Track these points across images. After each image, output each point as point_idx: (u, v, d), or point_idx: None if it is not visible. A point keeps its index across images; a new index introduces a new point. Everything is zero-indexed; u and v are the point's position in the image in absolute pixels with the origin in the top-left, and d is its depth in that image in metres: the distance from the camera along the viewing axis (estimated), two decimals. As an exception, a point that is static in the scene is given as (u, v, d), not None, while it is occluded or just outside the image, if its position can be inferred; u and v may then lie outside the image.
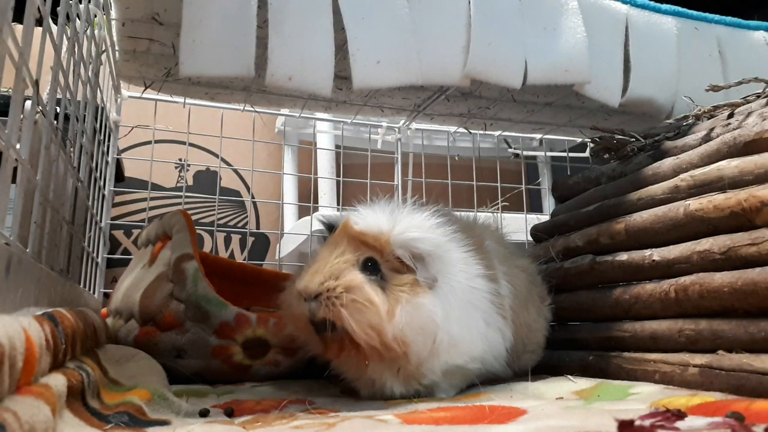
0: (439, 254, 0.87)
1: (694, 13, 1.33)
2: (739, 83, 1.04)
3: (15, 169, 0.61)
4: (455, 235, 0.91)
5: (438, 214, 0.91)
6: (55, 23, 0.78)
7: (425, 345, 0.83)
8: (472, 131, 1.80)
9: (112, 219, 1.64)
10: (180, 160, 2.15)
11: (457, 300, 0.86)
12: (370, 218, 0.87)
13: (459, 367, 0.88)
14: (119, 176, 1.70)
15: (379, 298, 0.81)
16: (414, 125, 1.83)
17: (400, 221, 0.87)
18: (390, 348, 0.80)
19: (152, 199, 1.83)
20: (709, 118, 1.04)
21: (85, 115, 1.07)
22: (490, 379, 0.98)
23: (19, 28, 0.60)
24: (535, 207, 2.20)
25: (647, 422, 0.51)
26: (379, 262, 0.84)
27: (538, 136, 1.83)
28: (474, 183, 1.82)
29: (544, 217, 1.62)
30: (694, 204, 0.86)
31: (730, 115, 0.96)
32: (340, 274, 0.82)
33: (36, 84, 0.66)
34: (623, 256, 1.00)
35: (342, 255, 0.85)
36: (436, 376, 0.87)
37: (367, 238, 0.85)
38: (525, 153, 2.03)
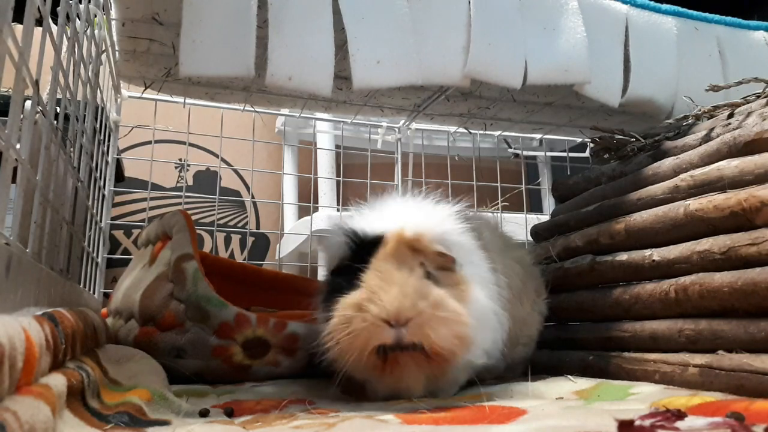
0: (465, 245, 0.86)
1: (694, 13, 1.33)
2: (739, 83, 1.04)
3: (15, 169, 0.61)
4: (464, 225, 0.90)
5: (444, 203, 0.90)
6: (55, 23, 0.78)
7: (483, 341, 0.83)
8: (472, 131, 1.80)
9: (112, 219, 1.64)
10: (180, 160, 2.15)
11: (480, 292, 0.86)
12: (412, 221, 0.83)
13: (468, 362, 0.86)
14: (119, 176, 1.70)
15: (461, 307, 0.78)
16: (414, 125, 1.83)
17: (430, 215, 0.85)
18: (465, 352, 0.79)
19: (152, 199, 1.83)
20: (709, 118, 1.04)
21: (85, 115, 1.07)
22: (489, 380, 0.98)
23: (19, 28, 0.60)
24: (535, 207, 2.20)
25: (647, 422, 0.51)
26: (426, 263, 0.82)
27: (538, 136, 1.83)
28: (474, 183, 1.82)
29: (544, 217, 1.62)
30: (694, 204, 0.86)
31: (730, 115, 0.96)
32: (423, 292, 0.77)
33: (36, 84, 0.66)
34: (623, 256, 1.00)
35: (412, 270, 0.79)
36: (456, 372, 0.86)
37: (415, 243, 0.81)
38: (525, 153, 2.03)
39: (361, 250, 0.83)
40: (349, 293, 0.79)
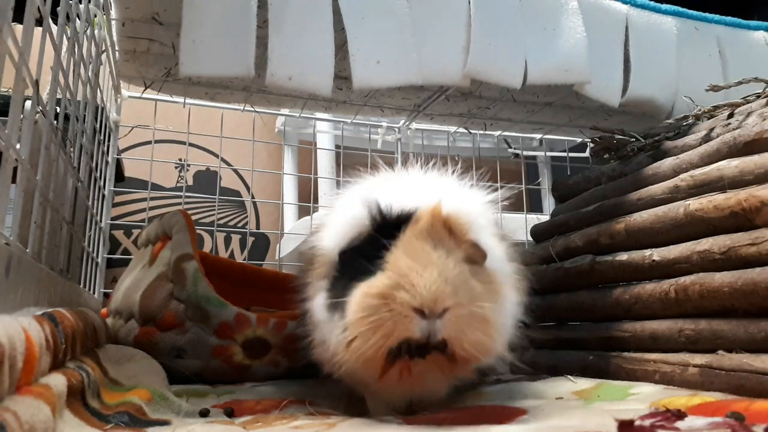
0: (493, 239, 0.75)
1: (694, 13, 1.33)
2: (739, 83, 1.04)
3: (15, 169, 0.61)
4: None
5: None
6: (55, 23, 0.78)
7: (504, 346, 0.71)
8: (472, 131, 1.80)
9: (112, 219, 1.64)
10: (180, 160, 2.15)
11: None
12: (451, 198, 0.69)
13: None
14: (119, 176, 1.70)
15: (497, 308, 0.67)
16: (414, 125, 1.83)
17: (468, 197, 0.72)
18: (489, 358, 0.68)
19: (152, 199, 1.83)
20: (709, 118, 1.04)
21: (85, 115, 1.07)
22: (489, 379, 0.98)
23: (19, 28, 0.60)
24: (535, 207, 2.20)
25: (647, 422, 0.51)
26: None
27: (538, 136, 1.83)
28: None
29: (544, 217, 1.62)
30: (694, 204, 0.86)
31: (730, 115, 0.96)
32: (463, 280, 0.64)
33: (36, 84, 0.66)
34: (623, 256, 1.00)
35: (449, 252, 0.65)
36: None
37: (452, 225, 0.67)
38: (525, 153, 2.03)
39: (382, 227, 0.68)
40: (365, 279, 0.65)
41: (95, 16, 1.08)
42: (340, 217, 0.73)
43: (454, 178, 0.79)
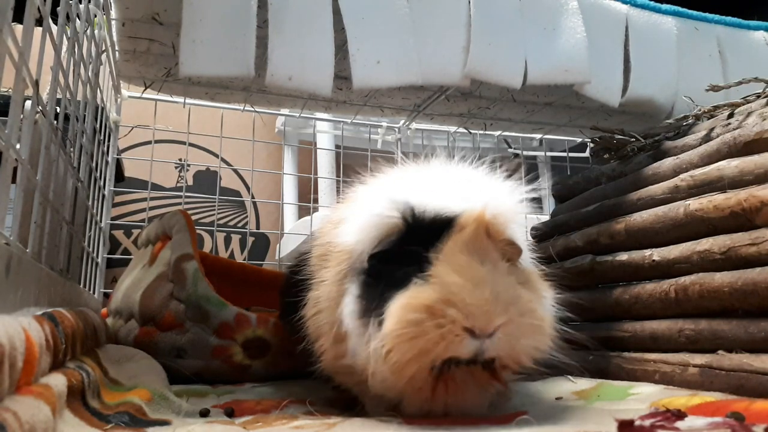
0: (523, 234, 0.73)
1: (694, 13, 1.33)
2: (739, 83, 1.04)
3: (15, 169, 0.61)
4: None
5: None
6: (55, 23, 0.78)
7: None
8: (472, 131, 1.80)
9: (112, 219, 1.64)
10: (180, 160, 2.15)
11: None
12: (492, 200, 0.65)
13: None
14: (119, 176, 1.70)
15: (545, 312, 0.65)
16: (414, 125, 1.83)
17: (505, 193, 0.68)
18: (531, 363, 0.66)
19: (152, 199, 1.83)
20: (709, 118, 1.04)
21: (85, 115, 1.07)
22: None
23: (19, 28, 0.60)
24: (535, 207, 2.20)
25: (647, 422, 0.51)
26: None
27: (538, 136, 1.83)
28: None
29: (544, 217, 1.62)
30: (694, 204, 0.86)
31: (730, 115, 0.96)
32: (513, 295, 0.62)
33: (36, 84, 0.66)
34: (623, 256, 1.00)
35: (496, 265, 0.63)
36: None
37: (492, 227, 0.64)
38: (525, 153, 2.03)
39: (416, 230, 0.64)
40: (403, 288, 0.61)
41: (95, 16, 1.08)
42: (365, 214, 0.68)
43: (483, 170, 0.74)
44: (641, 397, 0.76)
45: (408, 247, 0.63)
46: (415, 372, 0.60)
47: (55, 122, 0.82)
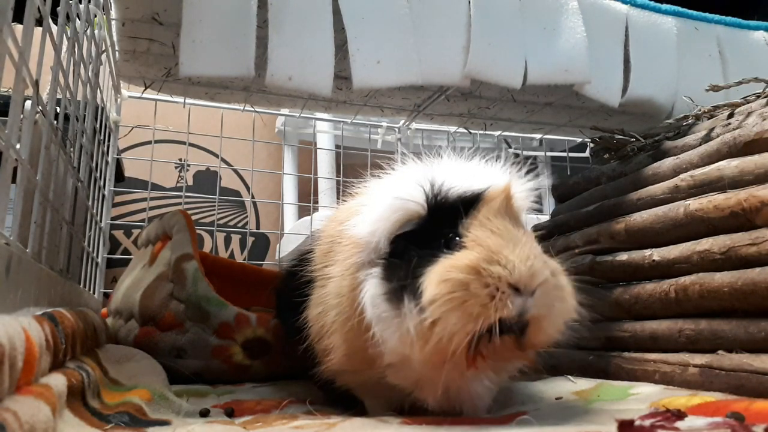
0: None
1: (694, 13, 1.33)
2: (739, 83, 1.04)
3: (15, 169, 0.61)
4: None
5: None
6: (55, 23, 0.78)
7: None
8: (472, 131, 1.80)
9: (112, 219, 1.64)
10: (180, 160, 2.15)
11: None
12: (513, 179, 0.68)
13: None
14: (119, 176, 1.70)
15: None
16: (414, 125, 1.83)
17: (516, 176, 0.70)
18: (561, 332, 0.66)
19: (152, 199, 1.83)
20: (709, 118, 1.04)
21: (85, 115, 1.07)
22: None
23: (19, 28, 0.60)
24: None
25: (647, 422, 0.51)
26: None
27: (538, 136, 1.83)
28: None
29: (544, 217, 1.62)
30: (694, 204, 0.86)
31: (730, 115, 0.96)
32: (543, 257, 0.63)
33: (36, 84, 0.66)
34: (623, 256, 1.00)
35: (522, 229, 0.65)
36: None
37: (514, 205, 0.66)
38: (525, 153, 2.03)
39: (438, 211, 0.65)
40: (437, 260, 0.61)
41: (95, 16, 1.08)
42: (385, 201, 0.67)
43: (490, 163, 0.74)
44: (641, 397, 0.76)
45: (432, 226, 0.64)
46: (458, 343, 0.58)
47: (55, 122, 0.82)
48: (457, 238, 0.62)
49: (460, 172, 0.68)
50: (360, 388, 0.78)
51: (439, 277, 0.59)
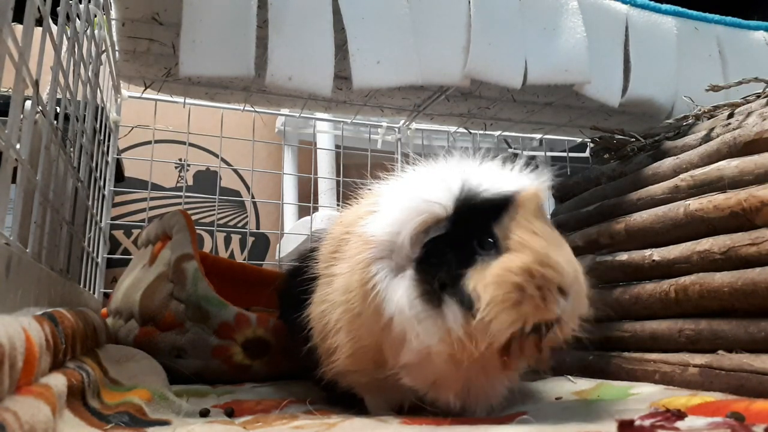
0: None
1: (694, 13, 1.33)
2: (739, 83, 1.04)
3: (15, 169, 0.61)
4: None
5: None
6: (55, 23, 0.78)
7: None
8: (472, 131, 1.80)
9: (112, 219, 1.64)
10: (180, 160, 2.15)
11: None
12: (538, 181, 0.69)
13: None
14: (119, 176, 1.70)
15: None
16: (414, 125, 1.83)
17: (535, 179, 0.71)
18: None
19: (152, 199, 1.83)
20: (709, 118, 1.04)
21: (85, 115, 1.07)
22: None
23: (19, 28, 0.60)
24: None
25: (647, 422, 0.51)
26: None
27: (538, 136, 1.83)
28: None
29: (544, 217, 1.61)
30: (694, 204, 0.86)
31: (730, 115, 0.96)
32: (575, 259, 0.66)
33: (36, 84, 0.66)
34: (623, 256, 1.00)
35: (555, 230, 0.68)
36: None
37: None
38: (525, 153, 2.03)
39: (470, 215, 0.65)
40: (478, 263, 0.63)
41: (95, 16, 1.08)
42: (405, 203, 0.68)
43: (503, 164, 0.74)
44: (641, 397, 0.76)
45: (461, 228, 0.65)
46: (506, 340, 0.61)
47: (55, 122, 0.82)
48: (490, 240, 0.64)
49: (483, 174, 0.68)
50: (362, 387, 0.77)
51: (495, 278, 0.61)
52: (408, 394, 0.72)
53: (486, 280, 0.61)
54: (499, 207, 0.65)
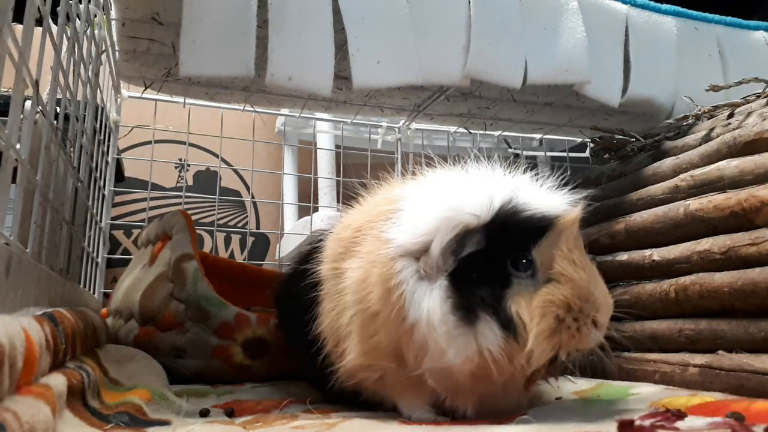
0: None
1: (694, 13, 1.33)
2: (739, 83, 1.04)
3: (15, 169, 0.61)
4: None
5: None
6: (55, 23, 0.78)
7: None
8: (472, 131, 1.80)
9: (112, 219, 1.64)
10: (180, 160, 2.15)
11: None
12: (570, 202, 0.68)
13: None
14: (119, 176, 1.70)
15: None
16: (414, 125, 1.83)
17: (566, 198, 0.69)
18: None
19: (152, 199, 1.83)
20: (709, 118, 1.04)
21: (85, 115, 1.07)
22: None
23: (19, 28, 0.60)
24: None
25: (647, 422, 0.51)
26: None
27: (538, 136, 1.83)
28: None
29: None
30: (694, 204, 0.86)
31: (730, 115, 0.96)
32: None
33: (36, 84, 0.66)
34: (623, 256, 1.00)
35: (589, 259, 0.69)
36: None
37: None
38: (525, 153, 2.03)
39: (506, 232, 0.64)
40: (518, 288, 0.63)
41: (95, 16, 1.08)
42: (441, 211, 0.66)
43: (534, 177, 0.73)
44: (641, 397, 0.76)
45: (498, 246, 0.64)
46: (538, 366, 0.63)
47: (55, 122, 0.82)
48: (524, 261, 0.64)
49: (527, 191, 0.67)
50: (386, 390, 0.74)
51: (542, 310, 0.62)
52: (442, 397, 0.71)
53: (533, 309, 0.62)
54: (539, 229, 0.65)
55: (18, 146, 0.61)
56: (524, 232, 0.65)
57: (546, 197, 0.68)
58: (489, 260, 0.64)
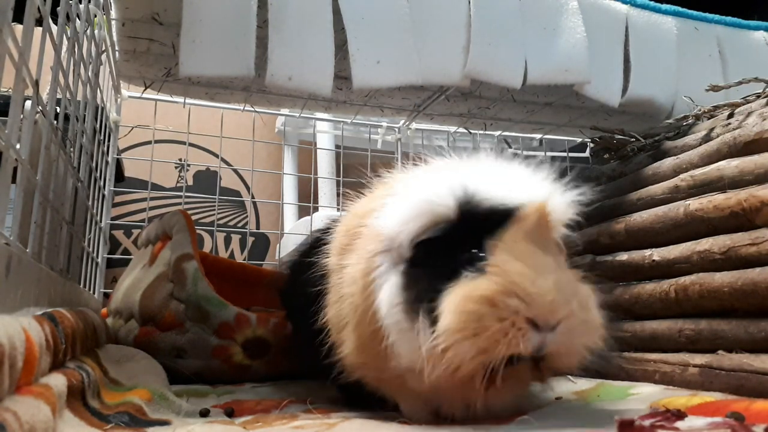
0: None
1: (694, 13, 1.33)
2: (739, 83, 1.04)
3: (15, 169, 0.61)
4: None
5: None
6: (55, 23, 0.78)
7: None
8: (472, 131, 1.80)
9: (112, 219, 1.64)
10: (180, 160, 2.15)
11: None
12: (554, 192, 0.63)
13: None
14: (119, 176, 1.70)
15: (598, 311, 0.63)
16: (414, 125, 1.83)
17: (560, 189, 0.65)
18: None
19: (152, 199, 1.83)
20: (709, 118, 1.04)
21: (85, 115, 1.07)
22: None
23: (19, 28, 0.60)
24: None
25: (647, 422, 0.51)
26: None
27: (538, 136, 1.83)
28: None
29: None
30: (694, 204, 0.86)
31: (730, 115, 0.96)
32: (574, 288, 0.60)
33: (36, 84, 0.66)
34: (623, 256, 1.00)
35: (555, 255, 0.62)
36: None
37: (550, 221, 0.62)
38: (525, 153, 2.03)
39: (470, 219, 0.60)
40: (457, 280, 0.57)
41: (95, 16, 1.08)
42: (413, 200, 0.63)
43: (530, 168, 0.68)
44: (641, 397, 0.76)
45: (459, 236, 0.60)
46: (466, 372, 0.56)
47: (55, 122, 0.82)
48: (481, 255, 0.59)
49: (496, 179, 0.63)
50: (387, 385, 0.72)
51: (455, 306, 0.56)
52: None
53: (447, 305, 0.56)
54: (500, 219, 0.60)
55: (18, 146, 0.61)
56: (485, 222, 0.60)
57: (518, 184, 0.62)
58: (447, 252, 0.60)
